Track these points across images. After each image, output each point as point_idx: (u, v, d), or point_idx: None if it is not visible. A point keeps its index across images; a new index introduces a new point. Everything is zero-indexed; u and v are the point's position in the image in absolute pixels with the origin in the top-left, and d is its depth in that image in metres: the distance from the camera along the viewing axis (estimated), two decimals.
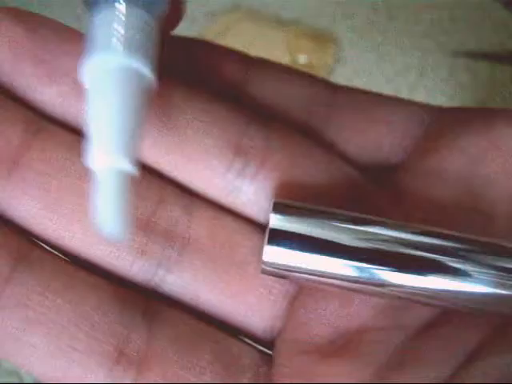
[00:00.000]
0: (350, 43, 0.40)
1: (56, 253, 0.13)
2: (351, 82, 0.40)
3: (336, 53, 0.40)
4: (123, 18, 0.12)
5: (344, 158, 0.15)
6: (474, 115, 0.14)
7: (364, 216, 0.12)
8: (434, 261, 0.12)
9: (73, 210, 0.13)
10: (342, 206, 0.13)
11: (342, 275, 0.12)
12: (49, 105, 0.13)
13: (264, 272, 0.12)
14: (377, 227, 0.12)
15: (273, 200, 0.13)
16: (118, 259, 0.13)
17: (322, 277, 0.12)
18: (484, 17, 0.40)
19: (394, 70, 0.40)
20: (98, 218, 0.11)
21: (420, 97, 0.39)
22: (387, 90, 0.40)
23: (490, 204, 0.13)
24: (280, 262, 0.12)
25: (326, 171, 0.14)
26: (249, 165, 0.14)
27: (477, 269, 0.12)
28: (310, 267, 0.12)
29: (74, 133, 0.14)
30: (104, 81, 0.11)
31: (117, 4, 0.12)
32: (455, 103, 0.38)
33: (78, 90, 0.13)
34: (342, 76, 0.40)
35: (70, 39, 0.14)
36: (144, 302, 0.13)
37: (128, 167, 0.11)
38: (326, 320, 0.13)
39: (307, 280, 0.12)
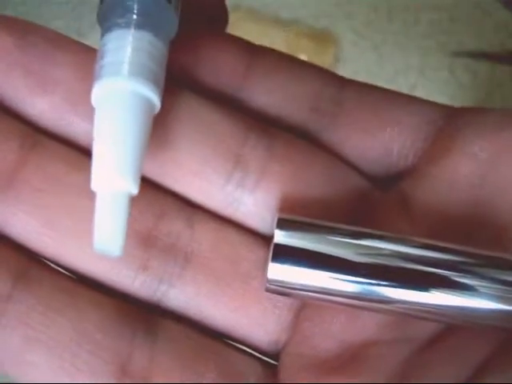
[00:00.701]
0: (350, 43, 0.40)
1: (58, 268, 0.13)
2: None
3: (336, 53, 0.40)
4: (133, 43, 0.12)
5: (349, 163, 0.14)
6: (485, 117, 0.14)
7: (369, 231, 0.12)
8: (440, 276, 0.12)
9: (72, 227, 0.13)
10: (348, 217, 0.13)
11: (348, 292, 0.12)
12: (42, 117, 0.13)
13: (268, 290, 0.12)
14: (382, 242, 0.12)
15: (277, 216, 0.12)
16: (120, 275, 0.13)
17: (328, 294, 0.12)
18: (484, 17, 0.40)
19: (394, 69, 0.40)
20: (97, 237, 0.11)
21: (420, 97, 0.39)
22: None
23: (501, 213, 0.13)
24: (285, 280, 0.12)
25: (331, 181, 0.14)
26: (248, 176, 0.13)
27: (481, 283, 0.11)
28: (315, 284, 0.12)
29: (69, 146, 0.13)
30: (110, 104, 0.12)
31: (127, 28, 0.12)
32: (455, 103, 0.38)
33: (70, 100, 0.13)
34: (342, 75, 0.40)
35: (62, 47, 0.13)
36: (147, 318, 0.13)
37: (129, 188, 0.11)
38: (331, 334, 0.13)
39: (312, 298, 0.12)
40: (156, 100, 0.12)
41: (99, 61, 0.12)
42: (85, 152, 0.13)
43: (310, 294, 0.12)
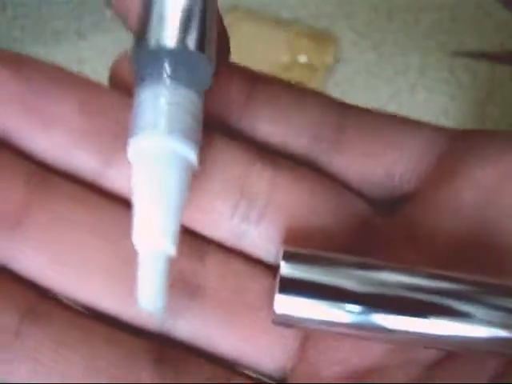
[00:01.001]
0: (350, 43, 0.40)
1: (67, 303, 0.13)
2: (351, 81, 0.40)
3: (336, 53, 0.40)
4: (169, 97, 0.12)
5: (352, 188, 0.14)
6: (488, 141, 0.14)
7: (374, 262, 0.12)
8: (447, 306, 0.12)
9: (80, 263, 0.13)
10: (352, 245, 0.13)
11: (355, 323, 0.12)
12: (45, 154, 0.13)
13: (275, 322, 0.12)
14: (387, 273, 0.12)
15: (282, 248, 0.13)
16: (127, 308, 0.13)
17: (335, 325, 0.12)
18: (484, 17, 0.40)
19: (394, 69, 0.40)
20: (140, 294, 0.11)
21: (420, 97, 0.39)
22: (387, 89, 0.40)
23: (505, 238, 0.13)
24: (291, 312, 0.12)
25: (335, 209, 0.14)
26: (253, 208, 0.13)
27: (487, 312, 0.12)
28: (322, 316, 0.12)
29: (74, 180, 0.13)
30: (149, 162, 0.12)
31: (162, 81, 0.12)
32: (455, 103, 0.38)
33: (73, 137, 0.13)
34: (342, 76, 0.40)
35: (60, 81, 0.13)
36: (158, 350, 0.13)
37: (170, 249, 0.11)
38: (336, 360, 0.13)
39: (319, 328, 0.12)
40: (194, 158, 0.12)
41: (134, 114, 0.12)
42: (89, 186, 0.13)
43: (317, 325, 0.12)
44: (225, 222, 0.13)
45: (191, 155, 0.12)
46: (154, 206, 0.11)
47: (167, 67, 0.12)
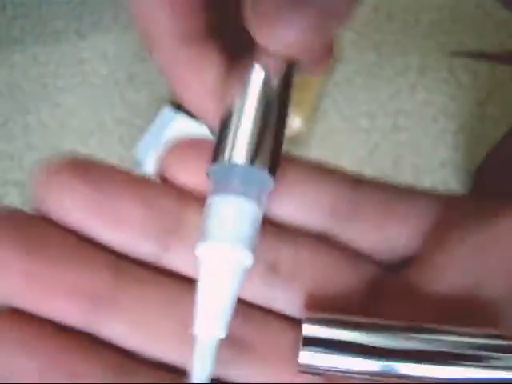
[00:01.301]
0: (350, 43, 0.40)
1: (148, 360, 0.15)
2: (351, 81, 0.40)
3: (336, 52, 0.40)
4: (237, 210, 0.14)
5: (363, 255, 0.16)
6: (478, 211, 0.16)
7: (382, 322, 0.15)
8: (445, 353, 0.14)
9: (153, 330, 0.15)
10: (365, 305, 0.16)
11: (368, 371, 0.15)
12: (117, 245, 0.15)
13: (301, 371, 0.15)
14: (393, 330, 0.15)
15: (304, 313, 0.15)
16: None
17: (352, 373, 0.15)
18: (484, 17, 0.40)
19: (394, 69, 0.40)
20: (195, 370, 0.14)
21: (420, 97, 0.39)
22: (387, 89, 0.40)
23: (494, 296, 0.15)
24: (314, 363, 0.15)
25: (350, 276, 0.16)
26: (279, 279, 0.16)
27: (480, 360, 0.14)
28: (340, 367, 0.15)
29: (146, 267, 0.15)
30: (216, 267, 0.14)
31: (233, 194, 0.14)
32: (455, 103, 0.38)
33: (138, 230, 0.15)
34: (342, 76, 0.40)
35: (123, 181, 0.15)
36: None
37: (223, 335, 0.14)
38: None
39: (340, 376, 0.15)
40: (251, 263, 0.14)
41: (206, 220, 0.14)
42: (153, 268, 0.16)
43: (337, 373, 0.15)
44: (256, 289, 0.16)
45: (249, 262, 0.14)
46: (215, 303, 0.14)
47: (237, 182, 0.14)
